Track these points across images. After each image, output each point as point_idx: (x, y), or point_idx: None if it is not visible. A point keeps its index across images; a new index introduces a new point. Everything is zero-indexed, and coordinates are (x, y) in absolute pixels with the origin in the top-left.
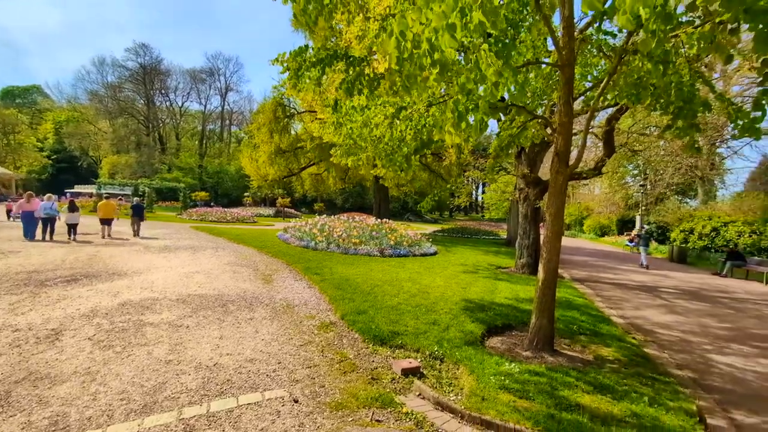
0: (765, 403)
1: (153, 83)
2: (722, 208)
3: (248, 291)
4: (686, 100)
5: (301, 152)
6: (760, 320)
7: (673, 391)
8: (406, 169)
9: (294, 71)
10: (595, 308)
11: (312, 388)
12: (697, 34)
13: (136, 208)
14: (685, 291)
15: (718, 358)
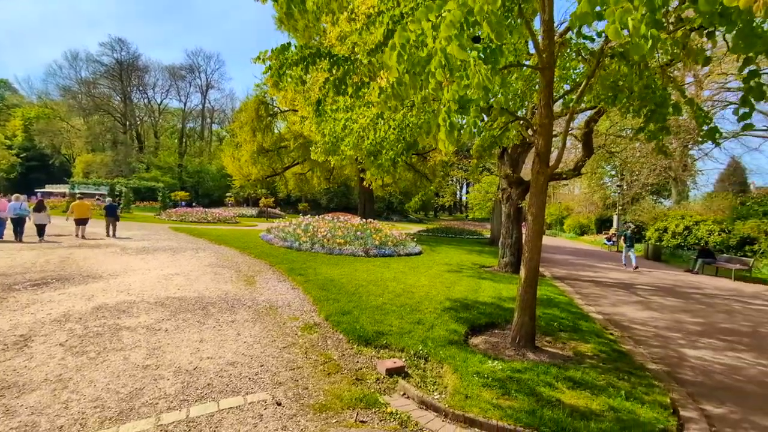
0: (731, 393)
1: (130, 79)
2: (694, 207)
3: (230, 293)
4: (658, 104)
5: (285, 151)
6: (729, 315)
7: (649, 385)
8: (392, 171)
9: (276, 69)
10: (575, 305)
11: (295, 391)
12: (670, 40)
13: (110, 208)
14: (659, 288)
15: (690, 352)
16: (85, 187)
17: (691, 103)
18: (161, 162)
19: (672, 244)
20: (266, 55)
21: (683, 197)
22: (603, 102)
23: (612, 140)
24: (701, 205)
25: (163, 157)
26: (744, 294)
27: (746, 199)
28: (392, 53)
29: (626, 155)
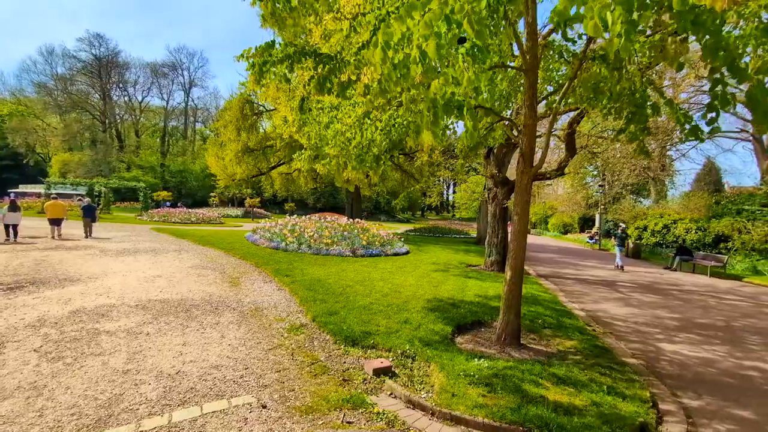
0: (708, 386)
1: (109, 76)
2: (672, 206)
3: (214, 295)
4: (638, 106)
5: (271, 151)
6: (704, 310)
7: (629, 380)
8: (376, 168)
9: (259, 67)
10: (559, 303)
11: (281, 393)
12: (648, 43)
13: (87, 209)
14: (639, 284)
15: (668, 347)
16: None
17: (671, 104)
18: (143, 161)
19: (651, 242)
20: (250, 53)
21: (662, 197)
22: (585, 103)
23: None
24: (679, 205)
25: (145, 157)
26: (719, 290)
27: (721, 198)
28: (375, 50)
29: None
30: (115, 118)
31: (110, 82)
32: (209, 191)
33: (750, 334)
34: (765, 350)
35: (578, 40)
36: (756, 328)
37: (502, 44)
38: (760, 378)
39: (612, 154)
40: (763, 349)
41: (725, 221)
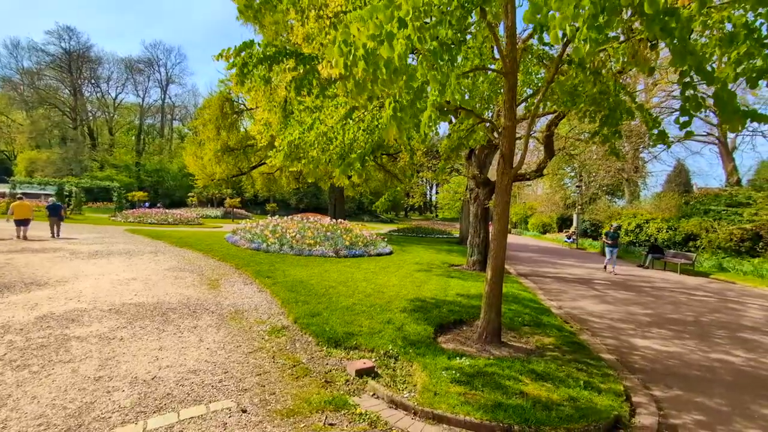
0: (677, 378)
1: (80, 71)
2: (644, 207)
3: (192, 297)
4: (611, 109)
5: (252, 150)
6: (675, 306)
7: (604, 374)
8: (359, 170)
9: (239, 68)
10: (538, 301)
11: (262, 396)
12: (621, 49)
13: (52, 208)
14: (614, 282)
15: (640, 342)
16: (28, 187)
17: (641, 109)
18: (117, 160)
19: (625, 241)
20: (229, 52)
21: (635, 197)
22: (562, 106)
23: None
24: (651, 205)
25: (119, 155)
26: (688, 286)
27: (690, 199)
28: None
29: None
30: (87, 114)
31: (81, 77)
32: (187, 191)
33: (716, 329)
34: (730, 344)
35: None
36: (721, 322)
37: (483, 47)
38: (725, 370)
39: (588, 156)
40: (728, 342)
41: (694, 221)
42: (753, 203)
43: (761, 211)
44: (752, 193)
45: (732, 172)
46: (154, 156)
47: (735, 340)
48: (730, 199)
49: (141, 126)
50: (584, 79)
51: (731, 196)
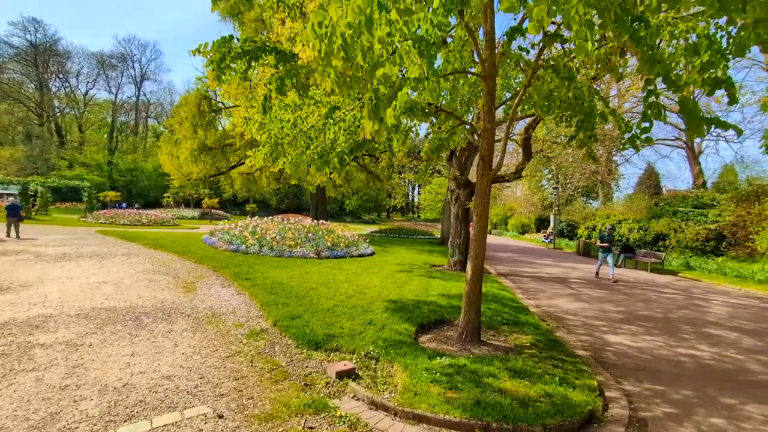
0: (647, 373)
1: (47, 65)
2: (617, 208)
3: (167, 301)
4: (586, 114)
5: (230, 149)
6: (645, 303)
7: (579, 370)
8: (338, 169)
9: (217, 63)
10: (516, 300)
11: (239, 401)
12: (594, 55)
13: (12, 207)
14: (589, 281)
15: (613, 338)
16: None
17: (614, 113)
18: (87, 159)
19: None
20: (206, 47)
21: (608, 199)
22: (539, 110)
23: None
24: (623, 206)
25: (90, 154)
26: (657, 284)
27: (659, 200)
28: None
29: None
30: (55, 111)
31: (48, 71)
32: (163, 191)
33: (683, 324)
34: (695, 338)
35: (531, 50)
36: (688, 318)
37: (463, 50)
38: (691, 364)
39: (565, 159)
40: (694, 337)
41: (663, 221)
42: (717, 205)
43: (724, 212)
44: (716, 195)
45: (698, 175)
46: (127, 155)
47: (700, 335)
48: (697, 201)
49: (114, 123)
50: (559, 83)
51: (697, 198)
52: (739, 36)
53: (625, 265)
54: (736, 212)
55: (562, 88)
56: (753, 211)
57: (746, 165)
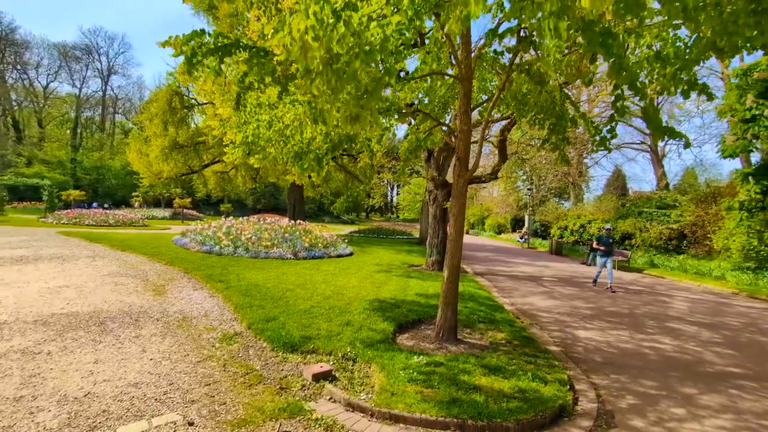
0: (614, 366)
1: (3, 55)
2: (587, 208)
3: (134, 305)
4: (558, 117)
5: (203, 147)
6: (612, 300)
7: (550, 365)
8: (318, 170)
9: (188, 58)
10: (492, 298)
11: (211, 407)
12: (565, 61)
13: None
14: (561, 279)
15: (582, 334)
16: None
17: (584, 117)
18: (48, 156)
19: (570, 240)
20: (176, 40)
21: (579, 199)
22: (514, 113)
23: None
24: (593, 206)
25: (51, 150)
26: (624, 281)
27: (626, 201)
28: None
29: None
30: (11, 104)
31: (4, 62)
32: (131, 190)
33: (648, 319)
34: (659, 332)
35: (506, 53)
36: (652, 313)
37: (441, 53)
38: (655, 356)
39: (538, 161)
40: (657, 332)
41: (629, 221)
42: (678, 206)
43: (685, 212)
44: (678, 197)
45: (661, 177)
46: (93, 152)
47: (663, 329)
48: (660, 202)
49: (78, 119)
50: (532, 87)
51: (661, 199)
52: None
53: (595, 263)
54: (695, 213)
55: (535, 92)
56: (710, 211)
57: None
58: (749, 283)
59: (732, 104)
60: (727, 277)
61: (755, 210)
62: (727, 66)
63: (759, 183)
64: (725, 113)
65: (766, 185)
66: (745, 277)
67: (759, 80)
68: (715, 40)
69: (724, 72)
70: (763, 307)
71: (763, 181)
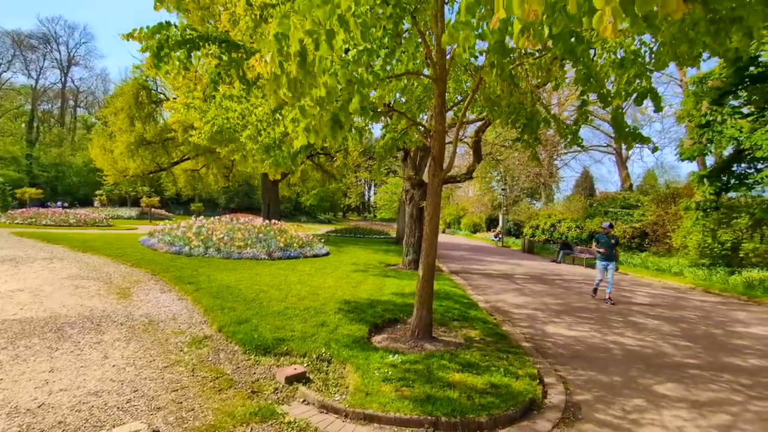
0: (581, 359)
1: None
2: (557, 208)
3: (96, 309)
4: (529, 118)
5: (172, 144)
6: (580, 296)
7: (522, 361)
8: (290, 167)
9: (154, 51)
10: (467, 296)
11: (178, 414)
12: (536, 64)
13: None
14: (532, 276)
15: (552, 329)
16: None
17: (555, 119)
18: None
19: (542, 239)
20: (141, 33)
21: (550, 199)
22: (488, 114)
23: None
24: (563, 206)
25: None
26: (591, 278)
27: (593, 201)
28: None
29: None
30: None
31: None
32: (95, 189)
33: (612, 314)
34: (622, 326)
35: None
36: (617, 309)
37: (417, 53)
38: (619, 350)
39: (512, 162)
40: (621, 326)
41: (596, 220)
42: (641, 205)
43: (647, 212)
44: (640, 197)
45: (625, 178)
46: (51, 148)
47: (627, 323)
48: (624, 202)
49: (34, 112)
50: (504, 89)
51: (624, 200)
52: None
53: (564, 260)
54: (656, 212)
55: (507, 94)
56: (670, 211)
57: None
58: (704, 279)
59: (689, 110)
60: (684, 273)
61: (710, 210)
62: (685, 74)
63: (713, 185)
64: (683, 118)
65: (719, 186)
66: (701, 273)
67: (713, 88)
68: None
69: (682, 79)
70: (717, 300)
71: (716, 182)
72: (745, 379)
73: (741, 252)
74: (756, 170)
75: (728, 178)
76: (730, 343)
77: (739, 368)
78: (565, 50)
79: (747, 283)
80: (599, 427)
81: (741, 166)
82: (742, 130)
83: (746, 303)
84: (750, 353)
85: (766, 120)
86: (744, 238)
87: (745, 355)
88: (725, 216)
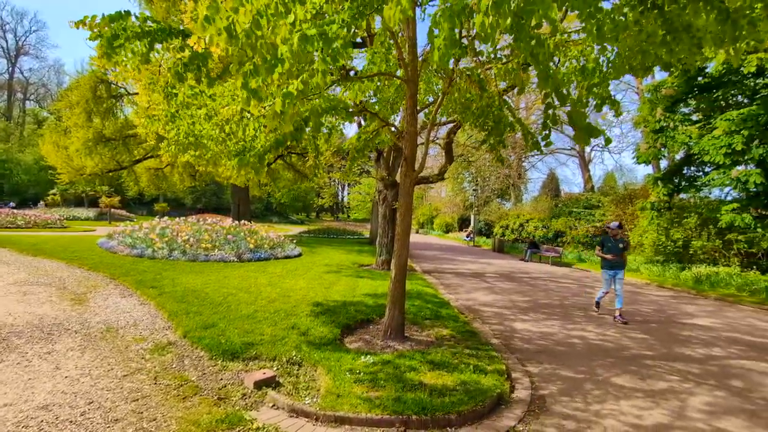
0: (547, 354)
1: None
2: (525, 208)
3: (47, 317)
4: (496, 121)
5: (134, 141)
6: (546, 292)
7: (490, 357)
8: (259, 169)
9: (107, 40)
10: (438, 295)
11: (138, 425)
12: (503, 69)
13: None
14: (502, 274)
15: (520, 325)
16: None
17: (520, 122)
18: None
19: (511, 238)
20: (95, 20)
21: (519, 200)
22: (458, 116)
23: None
24: (530, 207)
25: None
26: (557, 275)
27: (558, 201)
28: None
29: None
30: None
31: None
32: (47, 188)
33: (576, 310)
34: (585, 322)
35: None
36: (580, 304)
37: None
38: (582, 344)
39: (483, 163)
40: (584, 321)
41: (561, 220)
42: (601, 206)
43: (607, 212)
44: (601, 198)
45: (588, 180)
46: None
47: (589, 318)
48: (586, 203)
49: None
50: (473, 92)
51: (587, 200)
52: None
53: (531, 259)
54: (615, 212)
55: (475, 97)
56: (628, 211)
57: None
58: (659, 275)
59: (645, 116)
60: (641, 270)
61: (663, 210)
62: (641, 82)
63: (666, 186)
64: (639, 124)
65: (671, 188)
66: (656, 269)
67: (666, 96)
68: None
69: (639, 87)
70: (670, 295)
71: (669, 184)
72: (694, 368)
73: (691, 249)
74: (704, 173)
75: (680, 180)
76: (681, 334)
77: (689, 358)
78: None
79: (696, 278)
80: (562, 419)
81: (691, 169)
82: (691, 137)
83: (695, 297)
84: (697, 343)
85: (711, 127)
86: (693, 236)
87: (694, 345)
88: (677, 216)
